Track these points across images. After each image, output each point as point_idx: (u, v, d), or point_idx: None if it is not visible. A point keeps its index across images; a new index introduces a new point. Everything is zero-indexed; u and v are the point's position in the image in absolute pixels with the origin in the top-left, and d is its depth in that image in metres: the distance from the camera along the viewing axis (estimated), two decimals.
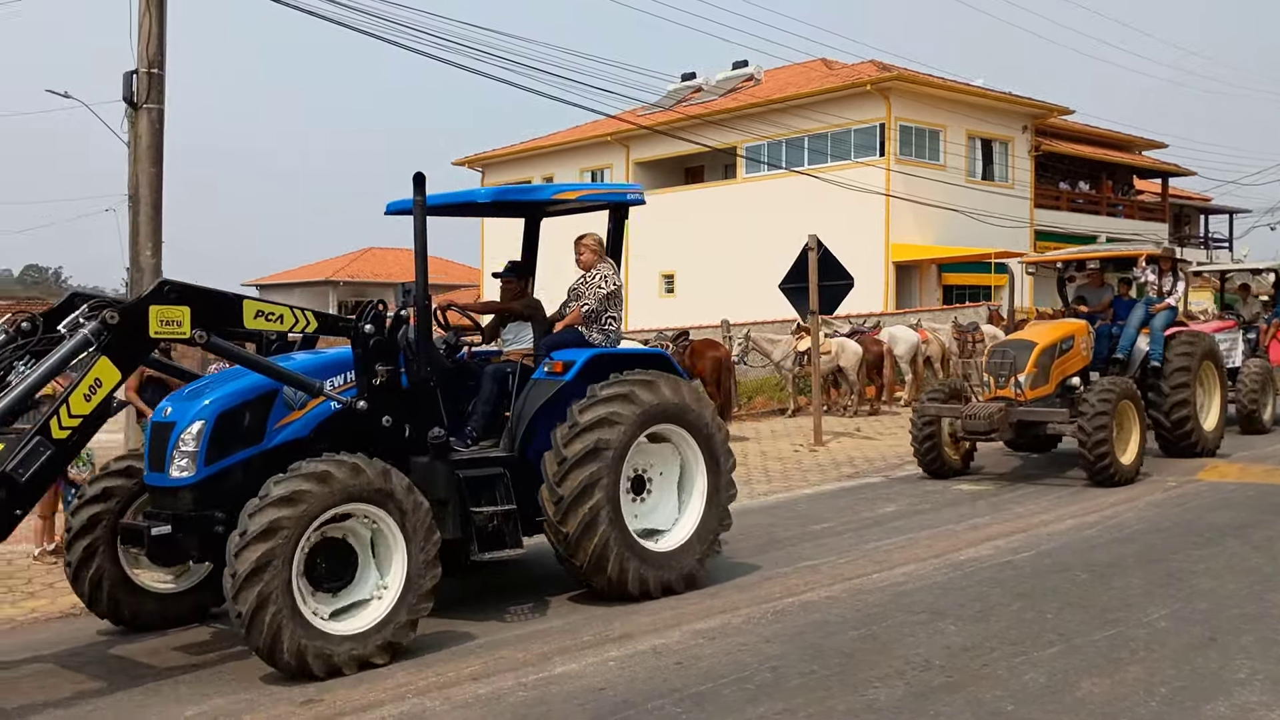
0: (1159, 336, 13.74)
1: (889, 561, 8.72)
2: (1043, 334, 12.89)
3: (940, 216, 33.10)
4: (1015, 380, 12.24)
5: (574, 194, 8.68)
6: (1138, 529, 9.78)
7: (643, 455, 7.86)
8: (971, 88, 36.18)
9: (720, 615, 7.26)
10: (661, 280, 40.13)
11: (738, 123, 35.48)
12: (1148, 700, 5.46)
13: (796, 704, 5.55)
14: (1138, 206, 44.52)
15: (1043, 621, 6.88)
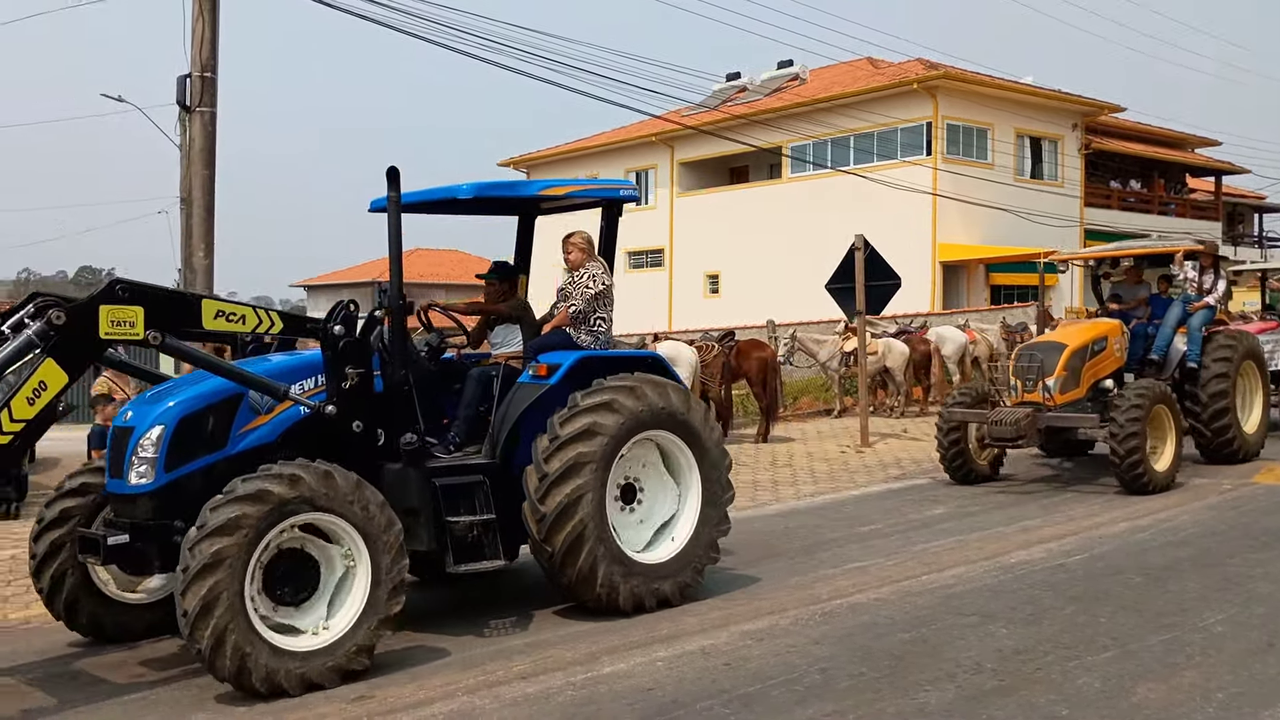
0: (1196, 336, 13.11)
1: (938, 564, 8.65)
2: (1073, 335, 12.40)
3: (988, 216, 32.78)
4: (1044, 384, 11.77)
5: (562, 190, 8.29)
6: (1192, 532, 9.63)
7: (632, 463, 7.53)
8: (1020, 85, 35.81)
9: (768, 616, 7.23)
10: (706, 281, 40.10)
11: (783, 122, 35.35)
12: (1204, 706, 5.37)
13: (846, 706, 5.52)
14: (1190, 205, 43.84)
15: (1096, 625, 6.79)
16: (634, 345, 16.83)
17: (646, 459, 7.64)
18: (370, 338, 6.86)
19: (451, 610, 7.68)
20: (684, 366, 16.38)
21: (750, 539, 9.90)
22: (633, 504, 7.60)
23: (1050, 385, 11.74)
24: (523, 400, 7.36)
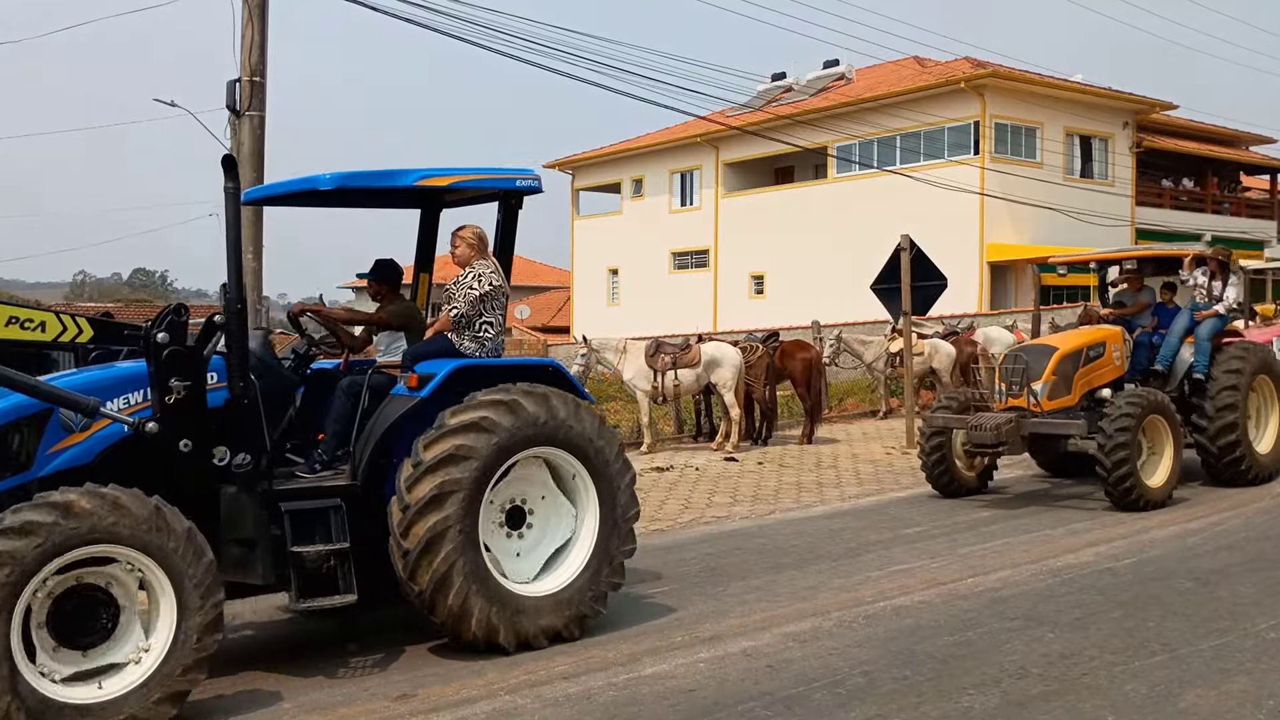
0: (1204, 346, 12.09)
1: (984, 567, 8.57)
2: (1067, 340, 11.73)
3: (1037, 215, 32.42)
4: (1030, 389, 11.06)
5: (445, 180, 7.13)
6: (1245, 536, 9.47)
7: (519, 483, 6.84)
8: (1070, 84, 35.40)
9: (811, 618, 7.20)
10: (751, 281, 40.01)
11: (828, 122, 35.19)
12: (1255, 713, 5.28)
13: (889, 710, 5.49)
14: (1245, 204, 43.08)
15: (1145, 630, 6.70)
16: (678, 345, 16.80)
17: (536, 478, 6.91)
18: (207, 346, 6.19)
19: None
20: (728, 367, 16.37)
21: (795, 541, 9.88)
22: (521, 529, 6.89)
23: (1037, 390, 11.05)
24: (390, 415, 6.60)
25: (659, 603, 7.76)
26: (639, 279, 44.00)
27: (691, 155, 41.98)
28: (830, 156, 36.51)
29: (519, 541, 6.88)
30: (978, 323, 24.36)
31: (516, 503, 6.86)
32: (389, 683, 6.10)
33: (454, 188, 7.27)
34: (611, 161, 45.37)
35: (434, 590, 6.29)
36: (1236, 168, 43.72)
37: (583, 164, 46.40)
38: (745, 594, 7.91)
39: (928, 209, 30.89)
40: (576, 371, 16.91)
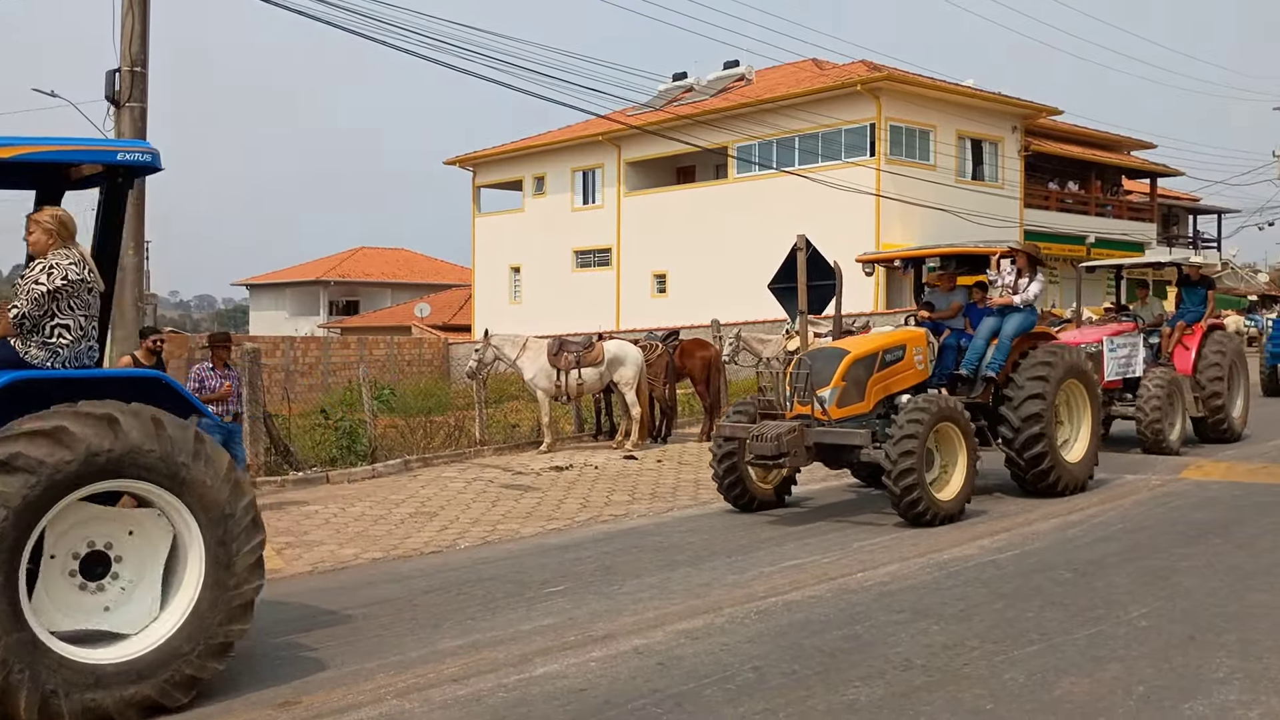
0: (1005, 345, 11.56)
1: (874, 561, 8.73)
2: (861, 343, 11.11)
3: (930, 216, 33.15)
4: (816, 395, 10.42)
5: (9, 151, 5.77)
6: (1121, 528, 9.80)
7: (97, 523, 5.65)
8: (961, 88, 36.27)
9: (704, 615, 7.25)
10: (654, 280, 40.16)
11: (729, 123, 35.52)
12: (1126, 699, 5.46)
13: (777, 704, 5.55)
14: (1126, 206, 44.68)
15: (1024, 621, 6.89)
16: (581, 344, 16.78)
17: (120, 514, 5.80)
18: None
19: (381, 612, 7.62)
20: (631, 365, 16.42)
21: (691, 538, 9.94)
22: (105, 579, 5.67)
23: (824, 397, 10.39)
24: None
25: (553, 602, 7.73)
26: (541, 277, 43.86)
27: (593, 154, 41.98)
28: (730, 157, 36.84)
29: (102, 595, 5.67)
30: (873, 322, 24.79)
31: (99, 547, 5.65)
32: (270, 689, 5.96)
33: (24, 160, 5.86)
34: (513, 159, 45.14)
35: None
36: (1118, 172, 45.29)
37: (484, 161, 46.07)
38: (640, 592, 7.93)
39: (825, 209, 31.38)
40: (471, 367, 16.80)
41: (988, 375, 11.50)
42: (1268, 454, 14.22)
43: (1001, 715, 5.30)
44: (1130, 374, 14.80)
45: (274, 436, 14.19)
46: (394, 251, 65.42)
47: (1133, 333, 15.17)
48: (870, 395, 10.70)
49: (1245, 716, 5.19)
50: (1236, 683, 5.65)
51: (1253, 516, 10.13)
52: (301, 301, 61.07)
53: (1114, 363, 14.65)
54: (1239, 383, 16.18)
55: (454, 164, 46.96)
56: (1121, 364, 14.79)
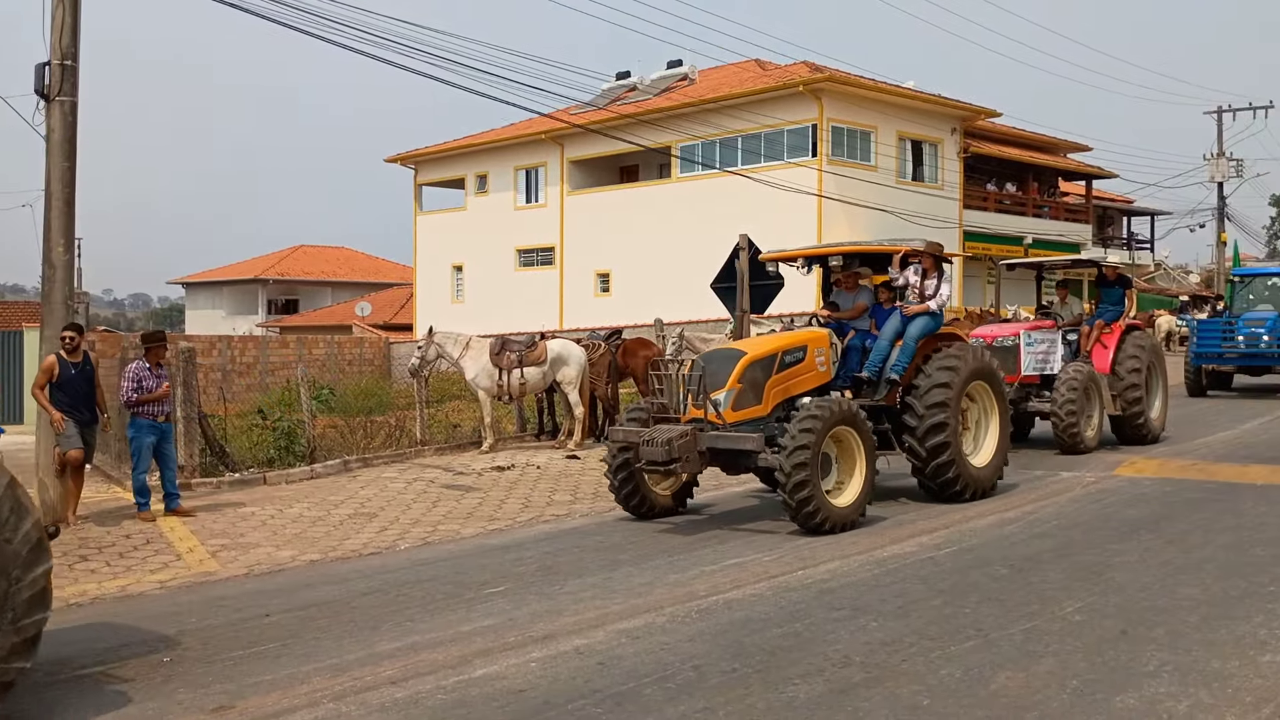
0: (910, 347, 11.20)
1: (814, 559, 8.78)
2: (759, 344, 10.71)
3: (871, 217, 33.45)
4: (710, 399, 9.97)
5: None
6: (1056, 524, 9.95)
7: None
8: (902, 90, 36.64)
9: (645, 615, 7.24)
10: (597, 279, 40.10)
11: (672, 122, 35.57)
12: (1059, 693, 5.54)
13: (716, 702, 5.55)
14: (1062, 208, 45.44)
15: (961, 617, 6.97)
16: (524, 343, 16.73)
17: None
18: None
19: (319, 615, 7.53)
20: (574, 365, 16.39)
21: (633, 538, 9.94)
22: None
23: (719, 400, 9.97)
24: None
25: (494, 603, 7.69)
26: (484, 276, 43.62)
27: (537, 152, 41.83)
28: (674, 156, 36.89)
29: None
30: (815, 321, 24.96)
31: None
32: (205, 694, 5.86)
33: None
34: (455, 157, 44.84)
35: None
36: (1055, 174, 46.04)
37: (426, 159, 45.71)
38: (581, 592, 7.90)
39: (768, 209, 31.53)
40: (414, 365, 16.63)
41: (891, 378, 11.13)
42: (1197, 451, 14.52)
43: (938, 711, 5.35)
44: (1048, 370, 14.89)
45: (209, 437, 13.96)
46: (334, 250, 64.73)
47: (1051, 330, 15.24)
48: (768, 398, 10.30)
49: (1174, 709, 5.29)
50: (1166, 675, 5.75)
51: (1183, 513, 10.34)
52: (239, 300, 60.23)
53: (1031, 358, 14.77)
54: (1158, 382, 16.04)
55: (395, 162, 46.55)
56: (1039, 359, 14.89)
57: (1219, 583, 7.65)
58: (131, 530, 10.79)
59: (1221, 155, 46.72)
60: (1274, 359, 22.85)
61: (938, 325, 11.57)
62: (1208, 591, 7.43)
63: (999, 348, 14.54)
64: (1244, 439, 15.82)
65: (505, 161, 43.11)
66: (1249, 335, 22.73)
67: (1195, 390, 23.30)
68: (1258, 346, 22.68)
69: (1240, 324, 22.94)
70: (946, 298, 11.61)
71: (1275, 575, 7.82)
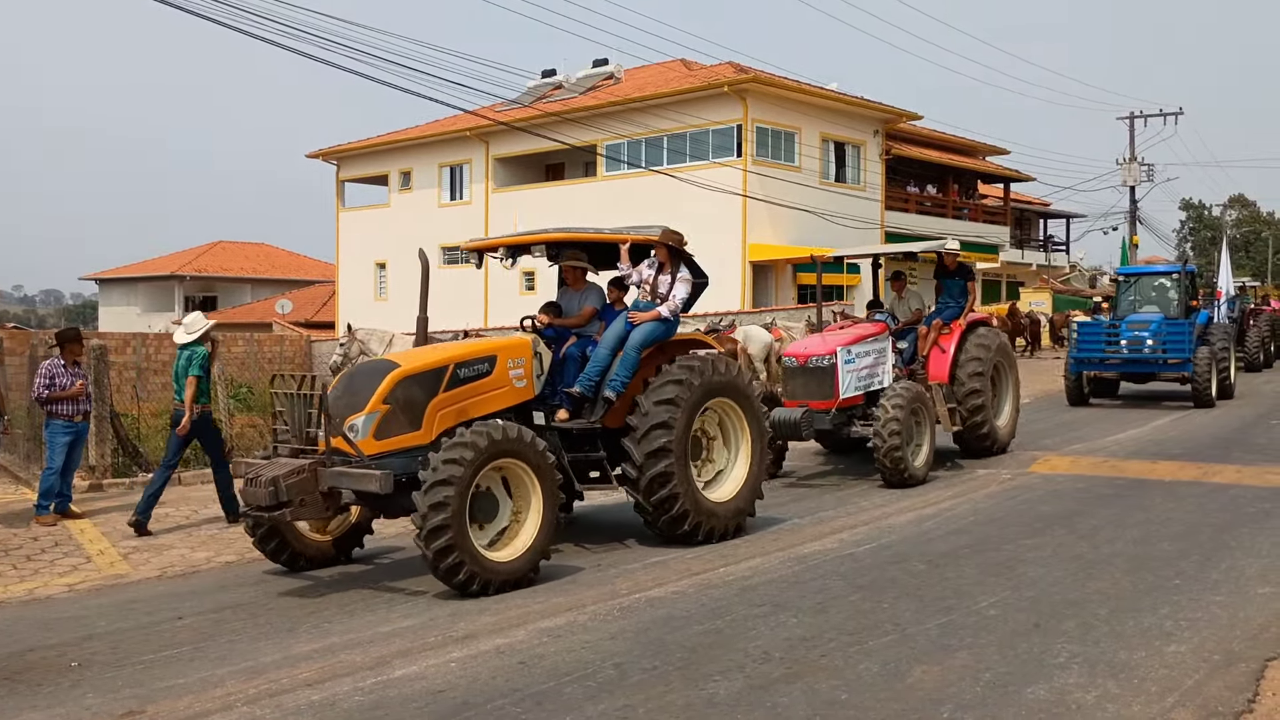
0: (630, 359, 9.31)
1: (736, 556, 8.84)
2: (421, 355, 8.63)
3: (795, 217, 33.77)
4: (346, 425, 7.94)
5: None
6: (973, 520, 10.13)
7: None
8: (825, 91, 37.02)
9: (567, 613, 7.23)
10: (522, 276, 39.90)
11: (598, 121, 35.55)
12: (973, 686, 5.64)
13: (637, 700, 5.56)
14: (982, 210, 46.31)
15: (879, 612, 7.06)
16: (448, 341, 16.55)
17: None
18: None
19: (234, 617, 7.39)
20: None
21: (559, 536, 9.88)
22: None
23: (356, 426, 7.94)
24: None
25: (414, 603, 7.62)
26: (408, 273, 43.11)
27: (461, 149, 41.53)
28: (599, 155, 36.88)
29: None
30: (740, 320, 25.14)
31: None
32: (114, 698, 5.72)
33: None
34: (379, 153, 44.34)
35: None
36: (974, 176, 46.93)
37: (348, 155, 45.13)
38: (503, 590, 7.85)
39: (693, 209, 31.64)
40: (335, 362, 16.40)
41: (607, 395, 9.24)
42: (1109, 449, 14.88)
43: (855, 705, 5.42)
44: (877, 385, 12.61)
45: (121, 437, 13.62)
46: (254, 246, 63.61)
47: (881, 336, 12.89)
48: (432, 421, 8.21)
49: (1082, 699, 5.41)
50: (1075, 667, 5.89)
51: (1094, 508, 10.59)
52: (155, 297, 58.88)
53: (852, 376, 12.36)
54: (1006, 387, 14.46)
55: (317, 157, 45.88)
56: (863, 377, 12.52)
57: (1127, 576, 7.86)
58: (40, 532, 10.49)
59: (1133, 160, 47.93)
60: (1158, 365, 20.75)
61: (670, 332, 9.66)
62: (1117, 585, 7.63)
63: (813, 369, 12.33)
64: (1154, 436, 16.26)
65: (429, 158, 42.73)
66: (1132, 339, 20.70)
67: (1076, 399, 21.24)
68: (1141, 351, 20.67)
69: (1124, 327, 20.94)
70: (683, 299, 9.67)
71: (1181, 569, 8.05)
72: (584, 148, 35.06)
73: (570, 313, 9.91)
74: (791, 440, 12.43)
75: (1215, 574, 7.89)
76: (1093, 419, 18.83)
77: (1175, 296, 21.52)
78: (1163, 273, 23.01)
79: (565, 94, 39.84)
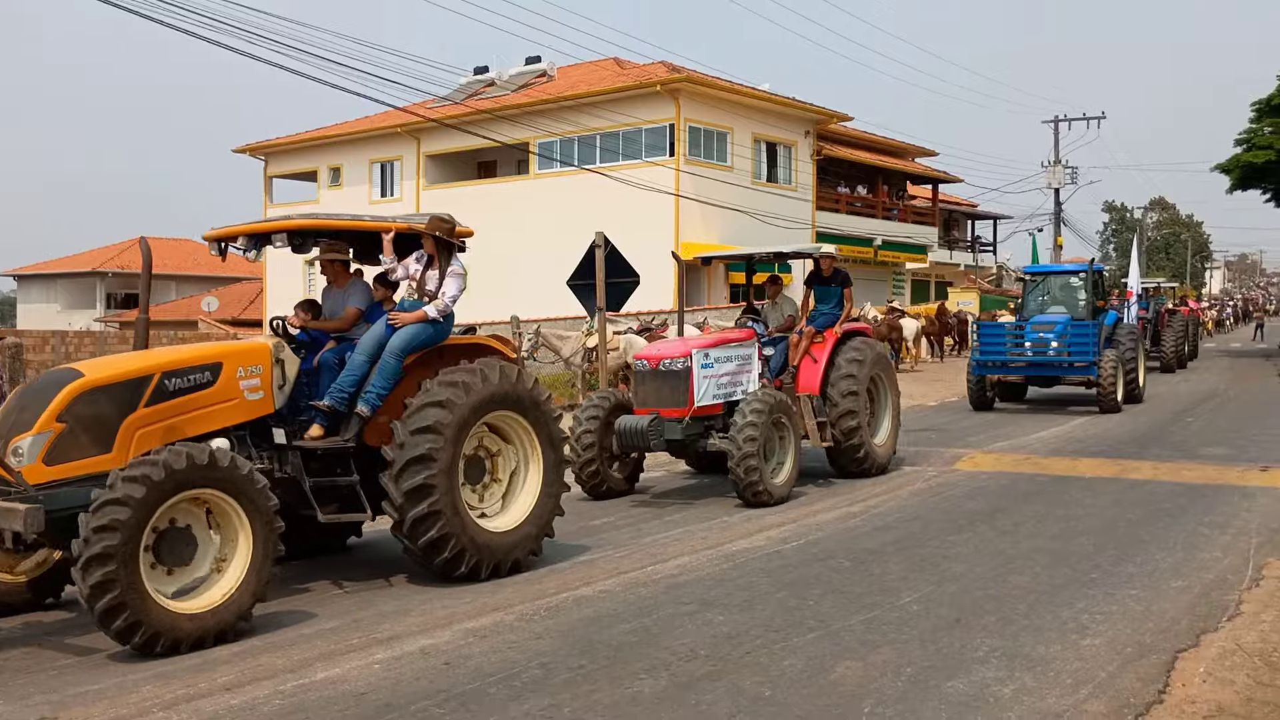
0: (388, 367, 8.03)
1: (664, 554, 8.85)
2: (114, 364, 7.29)
3: (727, 217, 33.95)
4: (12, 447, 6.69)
5: None
6: (898, 517, 10.26)
7: None
8: (757, 92, 37.28)
9: (493, 613, 7.19)
10: None
11: (530, 119, 35.42)
12: (895, 681, 5.71)
13: (562, 699, 5.55)
14: (911, 210, 46.96)
15: (805, 609, 7.12)
16: None
17: None
18: None
19: None
20: None
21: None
22: None
23: (22, 449, 6.66)
24: None
25: (338, 604, 7.53)
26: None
27: (392, 146, 41.13)
28: (532, 153, 36.75)
29: None
30: (671, 319, 25.20)
31: None
32: (25, 705, 5.57)
33: None
34: (308, 149, 43.75)
35: None
36: (904, 177, 47.57)
37: (277, 150, 44.48)
38: (428, 591, 7.79)
39: (626, 207, 31.69)
40: None
41: (361, 411, 7.97)
42: (1031, 446, 15.16)
43: (779, 701, 5.46)
44: (739, 395, 11.51)
45: None
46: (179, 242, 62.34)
47: (747, 342, 11.91)
48: (128, 443, 6.92)
49: (1000, 692, 5.51)
50: (995, 661, 5.99)
51: (1016, 504, 10.79)
52: (76, 294, 57.52)
53: (710, 383, 11.29)
54: (884, 402, 13.15)
55: (244, 152, 45.14)
56: (723, 385, 11.45)
57: (1047, 571, 8.01)
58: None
59: (1058, 163, 48.92)
60: (1064, 368, 19.84)
61: (439, 335, 8.43)
62: (1036, 580, 7.77)
63: (665, 373, 11.24)
64: (1076, 433, 16.60)
65: (360, 154, 42.27)
66: (1037, 341, 19.81)
67: (980, 403, 20.32)
68: (1045, 354, 19.72)
69: (1029, 328, 20.13)
70: (453, 297, 8.45)
71: (1098, 563, 8.23)
72: (517, 146, 34.92)
73: (332, 313, 8.63)
74: (637, 451, 11.53)
75: (1131, 568, 8.08)
76: (1017, 416, 19.18)
77: (1083, 296, 20.75)
78: (1070, 271, 22.41)
79: (498, 91, 39.65)
